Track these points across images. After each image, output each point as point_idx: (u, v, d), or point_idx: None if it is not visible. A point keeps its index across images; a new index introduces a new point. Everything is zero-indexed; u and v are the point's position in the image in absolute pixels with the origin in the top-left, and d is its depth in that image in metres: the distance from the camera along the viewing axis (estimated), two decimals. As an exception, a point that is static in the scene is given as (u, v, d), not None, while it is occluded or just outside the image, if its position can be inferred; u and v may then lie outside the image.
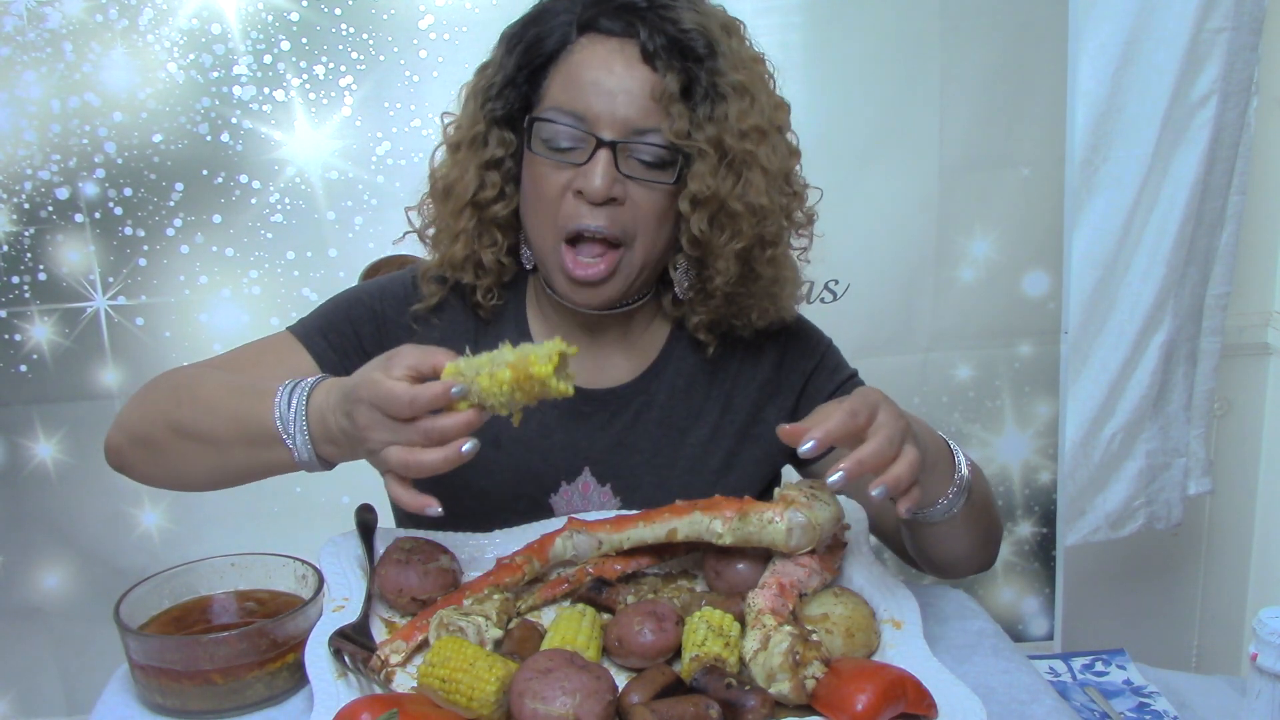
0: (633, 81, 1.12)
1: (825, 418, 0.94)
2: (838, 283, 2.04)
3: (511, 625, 1.02)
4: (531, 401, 0.94)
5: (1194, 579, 2.49)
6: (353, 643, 0.97)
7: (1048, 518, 2.18)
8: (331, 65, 1.90)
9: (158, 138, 1.90)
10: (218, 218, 1.94)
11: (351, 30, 1.89)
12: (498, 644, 0.98)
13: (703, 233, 1.15)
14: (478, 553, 1.13)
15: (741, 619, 0.99)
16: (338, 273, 1.95)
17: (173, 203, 1.92)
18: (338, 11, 1.89)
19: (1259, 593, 2.43)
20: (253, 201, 1.94)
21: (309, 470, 1.04)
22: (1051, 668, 1.67)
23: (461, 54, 1.89)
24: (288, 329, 1.25)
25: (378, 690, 0.92)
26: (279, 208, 1.94)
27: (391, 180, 1.94)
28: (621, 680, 0.92)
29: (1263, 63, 2.07)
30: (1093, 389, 2.18)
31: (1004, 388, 2.14)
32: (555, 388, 0.93)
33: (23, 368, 1.97)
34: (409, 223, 1.29)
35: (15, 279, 1.93)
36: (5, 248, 1.92)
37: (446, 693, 0.88)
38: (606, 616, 1.04)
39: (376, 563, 1.09)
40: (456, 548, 1.11)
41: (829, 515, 1.03)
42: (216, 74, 1.89)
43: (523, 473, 1.24)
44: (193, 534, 2.01)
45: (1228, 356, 2.26)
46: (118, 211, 1.92)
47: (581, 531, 1.09)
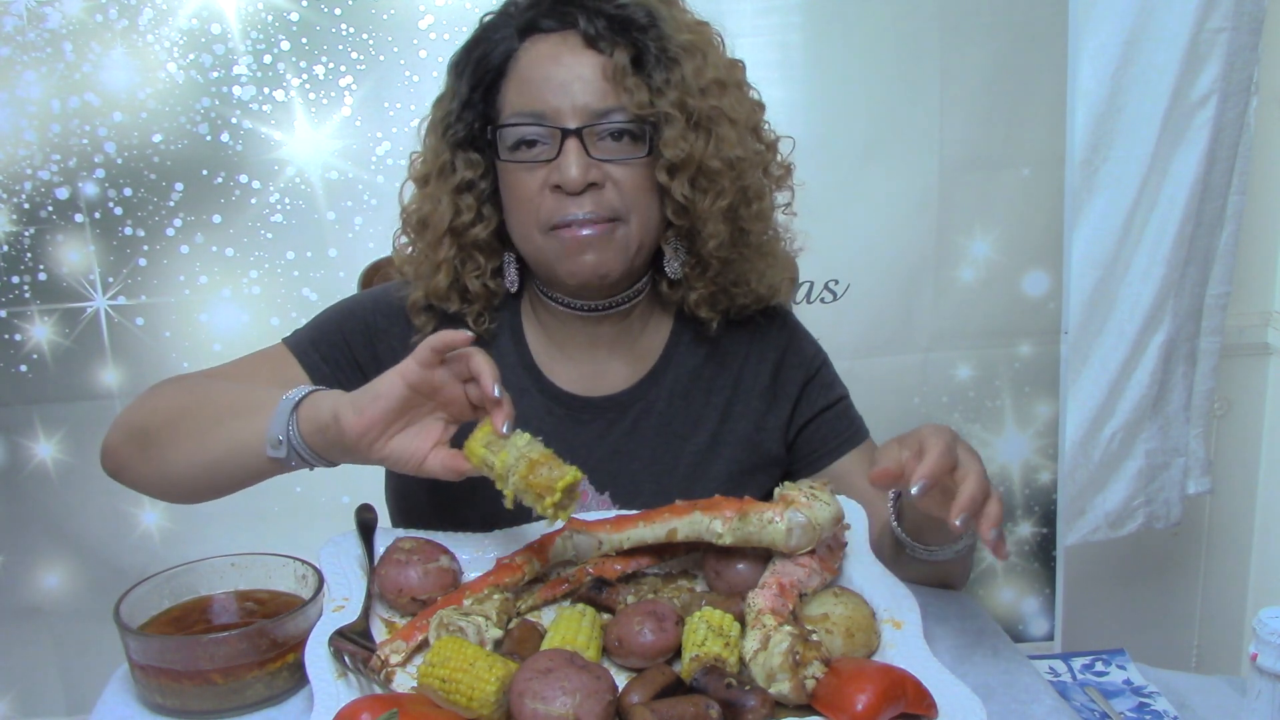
0: (583, 68, 1.13)
1: (922, 456, 0.93)
2: (838, 283, 2.04)
3: (511, 625, 1.02)
4: (526, 496, 0.98)
5: (1194, 579, 2.49)
6: (353, 643, 0.96)
7: (1048, 518, 2.18)
8: (331, 65, 1.90)
9: (158, 138, 1.90)
10: (218, 218, 1.94)
11: (351, 30, 1.89)
12: (498, 644, 0.99)
13: (686, 198, 1.15)
14: (478, 553, 1.13)
15: (741, 619, 0.99)
16: (338, 273, 1.95)
17: (173, 203, 1.92)
18: (338, 11, 1.89)
19: (1259, 593, 2.43)
20: (253, 201, 1.94)
21: (280, 453, 1.03)
22: (1051, 668, 1.67)
23: (461, 54, 1.89)
24: (282, 340, 1.25)
25: (378, 690, 0.92)
26: (279, 208, 1.94)
27: (391, 180, 1.92)
28: (621, 680, 0.92)
29: (1263, 63, 2.07)
30: (1093, 389, 2.17)
31: (1004, 388, 2.14)
32: (550, 506, 0.97)
33: (23, 368, 1.97)
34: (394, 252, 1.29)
35: (15, 279, 1.93)
36: (5, 248, 1.92)
37: (446, 693, 0.88)
38: (606, 616, 1.04)
39: (376, 563, 1.09)
40: (456, 548, 1.11)
41: (829, 515, 1.03)
42: (216, 74, 1.89)
43: None
44: (193, 534, 2.01)
45: (1228, 356, 2.26)
46: (118, 211, 1.92)
47: (581, 531, 1.09)
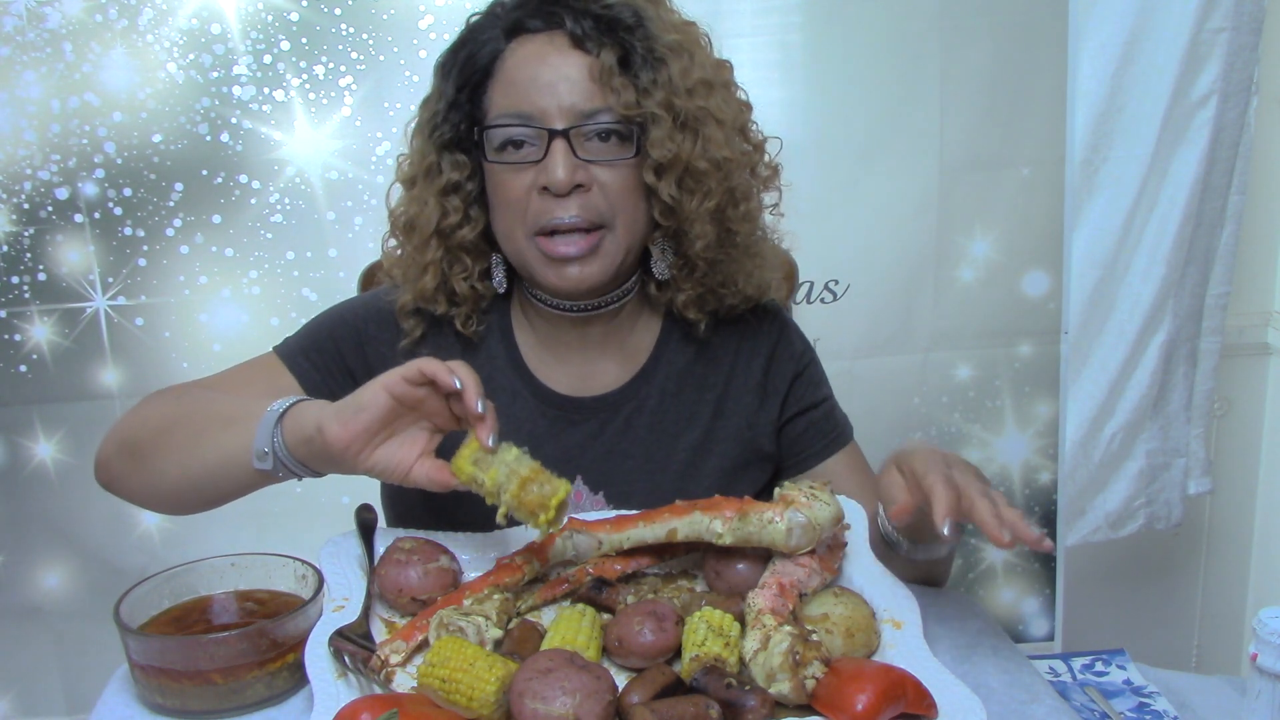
0: (569, 68, 1.12)
1: (935, 494, 0.94)
2: (838, 283, 2.03)
3: (511, 625, 1.02)
4: (518, 511, 0.98)
5: (1194, 579, 2.48)
6: (353, 643, 0.97)
7: (1048, 518, 2.18)
8: (331, 65, 1.90)
9: (157, 138, 1.90)
10: (218, 218, 1.94)
11: (351, 30, 1.89)
12: (498, 644, 0.99)
13: (673, 199, 1.15)
14: (478, 553, 1.14)
15: (741, 619, 0.99)
16: (338, 273, 1.95)
17: (172, 203, 1.92)
18: (338, 11, 1.88)
19: (1259, 593, 2.43)
20: (253, 201, 1.94)
21: (266, 465, 1.03)
22: (1051, 668, 1.67)
23: (461, 54, 1.89)
24: (273, 349, 1.25)
25: (378, 690, 0.92)
26: (279, 208, 1.94)
27: (391, 180, 1.94)
28: (621, 680, 0.92)
29: (1263, 63, 2.07)
30: (1093, 389, 2.17)
31: (1004, 388, 2.14)
32: (544, 523, 0.97)
33: (23, 368, 1.97)
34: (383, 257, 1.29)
35: (15, 279, 1.93)
36: (5, 248, 1.92)
37: (446, 693, 0.88)
38: (606, 616, 1.04)
39: (376, 563, 1.09)
40: (456, 548, 1.12)
41: (829, 515, 1.03)
42: (216, 74, 1.88)
43: None
44: (193, 534, 2.01)
45: (1228, 356, 2.26)
46: (117, 211, 1.92)
47: (581, 531, 1.09)
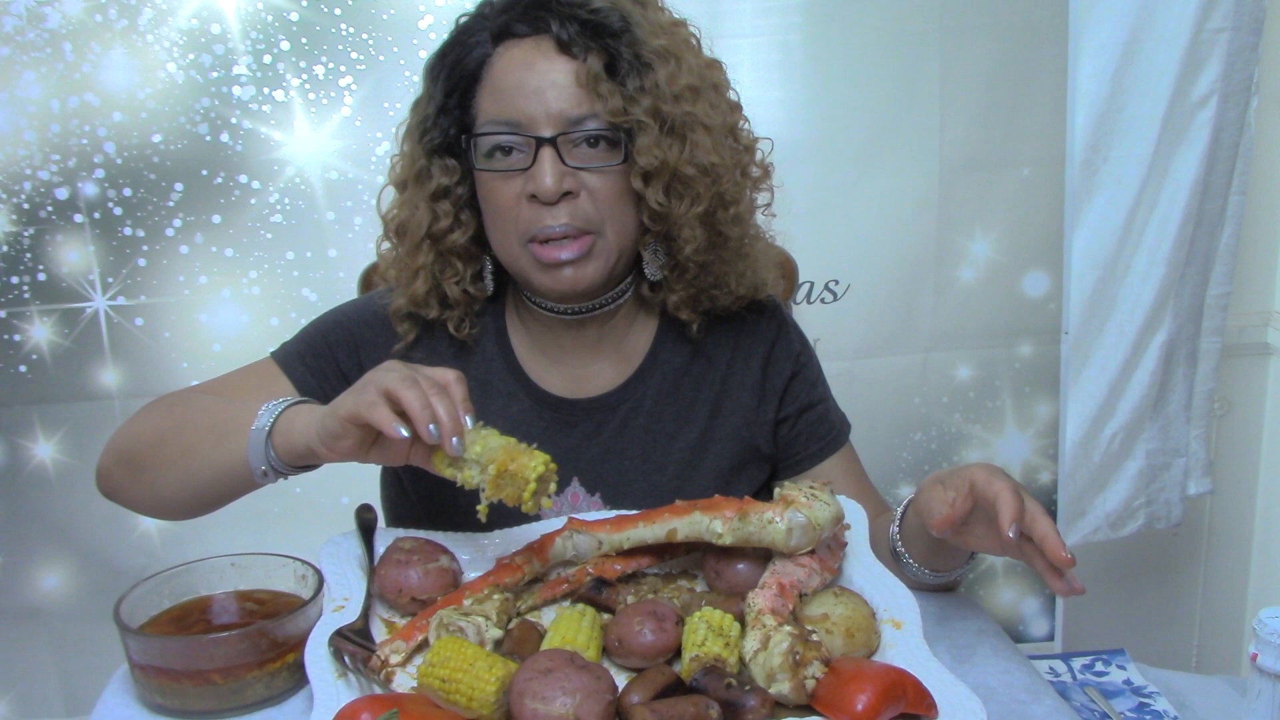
0: (556, 74, 1.12)
1: (1002, 500, 0.99)
2: (838, 283, 2.04)
3: (511, 625, 1.02)
4: (503, 493, 0.98)
5: (1194, 579, 2.48)
6: (353, 643, 0.97)
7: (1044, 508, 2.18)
8: (331, 65, 1.90)
9: (157, 138, 1.90)
10: (217, 218, 1.94)
11: (351, 30, 1.89)
12: (498, 644, 0.99)
13: (661, 205, 1.15)
14: (478, 553, 1.14)
15: (741, 619, 0.99)
16: (337, 273, 1.95)
17: (172, 203, 1.92)
18: (338, 11, 1.88)
19: (1259, 593, 2.43)
20: (252, 202, 1.94)
21: (268, 480, 1.05)
22: (1051, 668, 1.67)
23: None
24: (270, 354, 1.25)
25: (378, 690, 0.92)
26: (279, 208, 1.94)
27: (384, 184, 1.94)
28: (621, 680, 0.92)
29: (1263, 63, 2.06)
30: (1093, 389, 2.17)
31: (1004, 388, 2.14)
32: (529, 492, 0.96)
33: (22, 368, 1.97)
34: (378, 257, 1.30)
35: (15, 279, 1.93)
36: (5, 248, 1.92)
37: (446, 693, 0.88)
38: (606, 616, 1.04)
39: (376, 563, 1.09)
40: (456, 548, 1.12)
41: (829, 515, 1.03)
42: (216, 74, 1.88)
43: None
44: (193, 534, 2.00)
45: (1228, 356, 2.26)
46: (117, 211, 1.92)
47: (581, 531, 1.09)
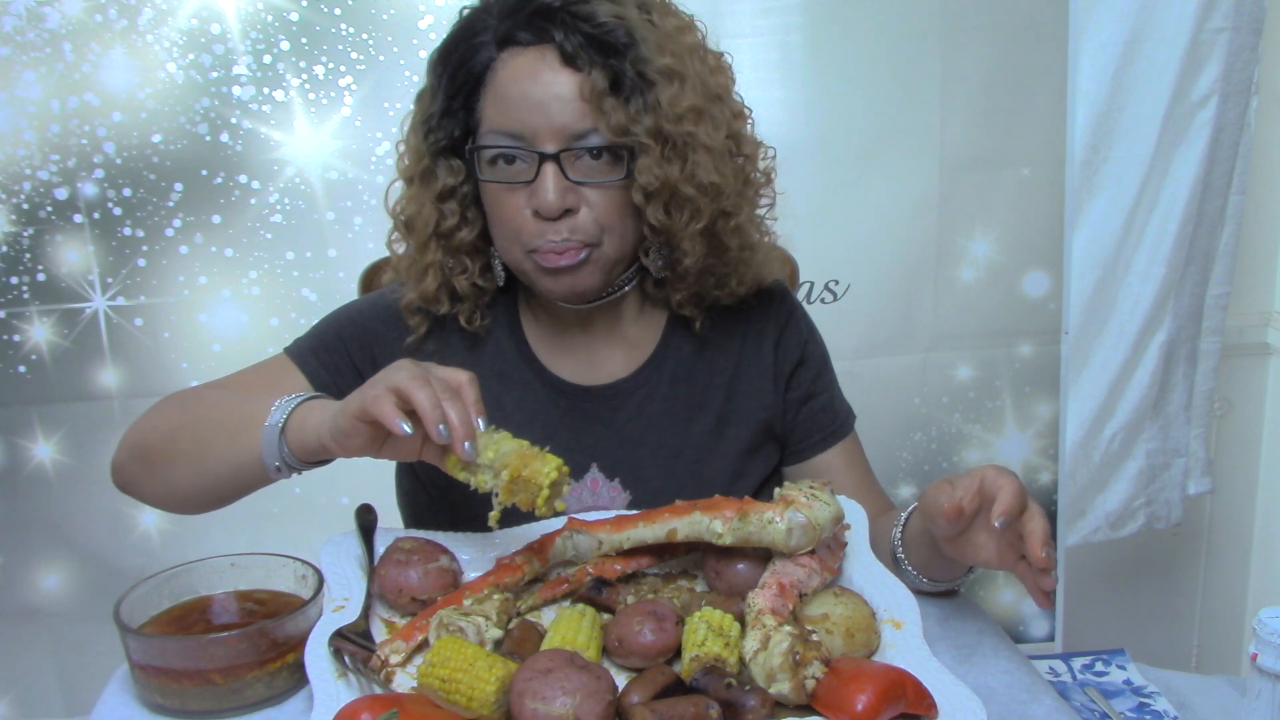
0: (560, 86, 1.11)
1: (1002, 492, 1.01)
2: (838, 283, 2.04)
3: (511, 625, 1.02)
4: (516, 498, 0.97)
5: (1194, 579, 2.48)
6: (353, 643, 0.96)
7: (1048, 518, 2.18)
8: (331, 65, 1.90)
9: (157, 138, 1.90)
10: (217, 218, 1.94)
11: (351, 30, 1.89)
12: (498, 644, 0.98)
13: (661, 221, 1.15)
14: (478, 553, 1.13)
15: (741, 619, 0.99)
16: (337, 273, 1.95)
17: (172, 203, 1.92)
18: (338, 11, 1.88)
19: (1259, 593, 2.43)
20: (252, 202, 1.93)
21: (283, 475, 1.05)
22: (1051, 668, 1.67)
23: (461, 54, 1.89)
24: (284, 350, 1.25)
25: (378, 690, 0.92)
26: (279, 208, 1.94)
27: (391, 180, 1.94)
28: (621, 680, 0.92)
29: (1263, 63, 2.07)
30: (1093, 389, 2.17)
31: (1004, 388, 2.14)
32: (542, 498, 0.96)
33: (22, 368, 1.97)
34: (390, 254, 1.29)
35: (14, 279, 1.93)
36: (4, 248, 1.92)
37: (446, 693, 0.88)
38: (606, 616, 1.04)
39: (376, 563, 1.09)
40: (456, 548, 1.11)
41: (829, 515, 1.03)
42: (216, 74, 1.88)
43: None
44: (192, 534, 2.01)
45: (1228, 356, 2.26)
46: (117, 212, 1.92)
47: (581, 531, 1.09)
